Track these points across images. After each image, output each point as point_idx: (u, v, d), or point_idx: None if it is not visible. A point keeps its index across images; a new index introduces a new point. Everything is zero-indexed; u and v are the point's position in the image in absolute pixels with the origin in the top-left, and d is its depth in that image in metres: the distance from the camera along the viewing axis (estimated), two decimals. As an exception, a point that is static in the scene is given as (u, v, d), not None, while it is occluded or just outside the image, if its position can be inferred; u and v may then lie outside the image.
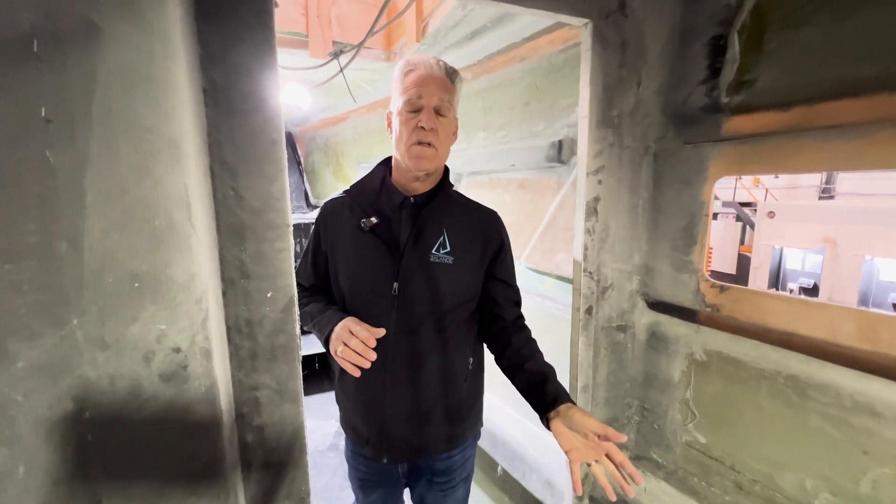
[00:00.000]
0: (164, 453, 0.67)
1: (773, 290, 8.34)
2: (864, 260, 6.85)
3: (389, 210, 1.07)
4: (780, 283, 8.49)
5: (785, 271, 8.51)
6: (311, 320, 1.11)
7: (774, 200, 10.43)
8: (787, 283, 8.42)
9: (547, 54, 1.78)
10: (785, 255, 8.41)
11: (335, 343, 0.98)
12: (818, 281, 7.68)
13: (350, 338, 0.94)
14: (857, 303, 6.98)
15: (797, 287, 8.17)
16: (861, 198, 9.67)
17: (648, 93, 1.26)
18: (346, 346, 0.94)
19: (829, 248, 7.14)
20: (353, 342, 0.94)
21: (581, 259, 1.26)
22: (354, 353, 0.93)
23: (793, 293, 7.83)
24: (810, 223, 7.50)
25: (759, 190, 10.88)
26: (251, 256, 0.91)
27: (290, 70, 2.13)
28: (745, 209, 9.38)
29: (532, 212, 1.89)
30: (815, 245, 7.50)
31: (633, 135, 1.28)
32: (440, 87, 1.00)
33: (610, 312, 1.35)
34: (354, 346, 0.93)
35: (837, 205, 8.38)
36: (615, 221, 1.30)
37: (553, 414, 0.92)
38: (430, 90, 0.98)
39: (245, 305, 0.92)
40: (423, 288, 1.04)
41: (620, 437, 0.81)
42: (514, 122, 1.98)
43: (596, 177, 1.24)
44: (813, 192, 10.86)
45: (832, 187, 10.44)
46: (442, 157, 1.06)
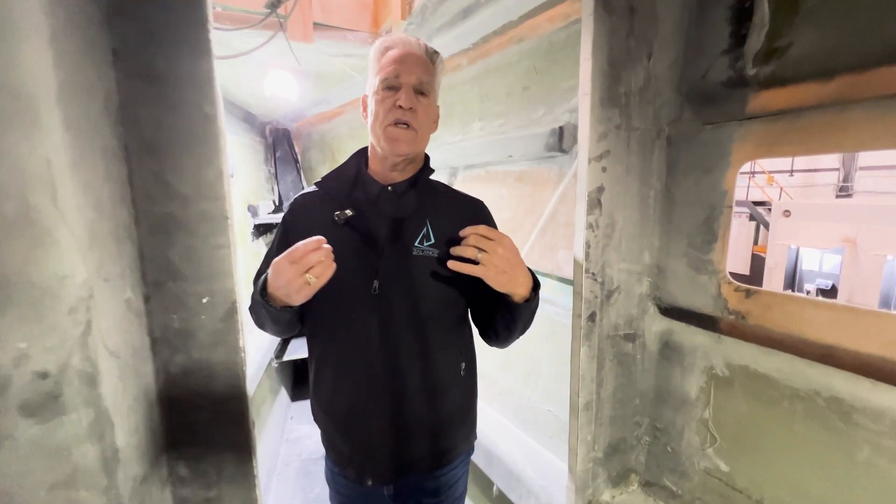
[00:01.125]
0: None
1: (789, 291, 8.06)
2: (885, 261, 6.56)
3: (366, 201, 0.98)
4: (795, 285, 8.22)
5: (801, 272, 8.22)
6: (252, 307, 0.99)
7: (789, 199, 10.12)
8: (803, 285, 8.14)
9: (547, 33, 1.62)
10: (801, 255, 8.13)
11: (278, 280, 0.85)
12: (836, 282, 7.39)
13: (290, 266, 0.84)
14: (879, 305, 6.70)
15: (814, 288, 7.89)
16: (882, 196, 9.33)
17: (661, 67, 1.10)
18: (292, 268, 0.83)
19: (848, 248, 6.85)
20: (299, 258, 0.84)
21: (582, 258, 1.10)
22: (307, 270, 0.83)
23: (809, 294, 7.56)
24: (828, 222, 7.22)
25: (772, 188, 10.57)
26: (181, 254, 0.76)
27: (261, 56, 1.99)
28: (758, 208, 9.10)
29: (531, 207, 1.72)
30: (834, 245, 7.22)
31: (644, 116, 1.11)
32: (420, 65, 0.93)
33: (616, 319, 1.18)
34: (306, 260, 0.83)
35: (857, 203, 8.08)
36: (622, 215, 1.13)
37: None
38: (409, 67, 0.91)
39: (175, 313, 0.77)
40: (406, 285, 0.94)
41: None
42: (513, 109, 1.82)
43: (599, 163, 1.07)
44: (830, 191, 10.51)
45: (850, 185, 10.08)
46: (421, 140, 0.97)
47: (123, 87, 0.69)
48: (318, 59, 1.99)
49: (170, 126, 0.72)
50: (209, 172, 0.75)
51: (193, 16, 0.71)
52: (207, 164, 0.75)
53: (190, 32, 0.71)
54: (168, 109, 0.71)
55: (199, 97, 0.72)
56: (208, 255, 0.77)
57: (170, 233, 0.75)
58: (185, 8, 0.70)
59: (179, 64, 0.71)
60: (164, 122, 0.72)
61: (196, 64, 0.72)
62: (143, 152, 0.71)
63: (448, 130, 2.23)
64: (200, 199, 0.75)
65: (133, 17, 0.68)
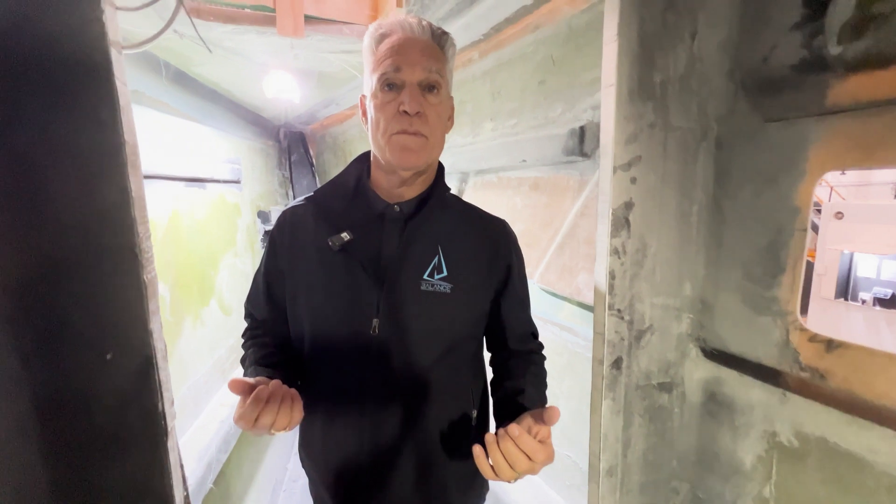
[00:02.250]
0: None
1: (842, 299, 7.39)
2: (957, 268, 5.88)
3: (367, 222, 0.82)
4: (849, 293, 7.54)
5: (856, 279, 7.53)
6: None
7: (841, 200, 9.35)
8: (857, 293, 7.46)
9: (566, 17, 1.39)
10: (856, 261, 7.44)
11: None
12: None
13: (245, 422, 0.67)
14: (949, 318, 6.01)
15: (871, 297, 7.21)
16: (950, 196, 8.46)
17: (709, 47, 0.86)
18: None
19: (913, 254, 6.20)
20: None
21: (605, 291, 0.88)
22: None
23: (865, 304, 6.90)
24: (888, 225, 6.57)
25: (822, 188, 9.80)
26: (73, 301, 0.60)
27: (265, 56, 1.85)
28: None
29: (548, 219, 1.50)
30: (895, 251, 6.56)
31: (685, 110, 0.87)
32: (425, 53, 0.74)
33: (648, 365, 0.95)
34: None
35: (923, 204, 7.33)
36: (656, 236, 0.90)
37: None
38: (412, 58, 0.73)
39: (66, 375, 0.61)
40: (411, 327, 0.80)
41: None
42: (527, 106, 1.60)
43: (627, 173, 0.85)
44: (888, 190, 9.64)
45: (913, 184, 9.20)
46: (434, 148, 0.79)
47: (-14, 85, 0.53)
48: (315, 56, 1.83)
49: (57, 138, 0.55)
50: (110, 192, 0.58)
51: None
52: (106, 181, 0.58)
53: (73, 11, 0.54)
54: (50, 114, 0.55)
55: (91, 99, 0.56)
56: (110, 300, 0.61)
57: (57, 274, 0.58)
58: (66, -20, 0.53)
59: (62, 57, 0.54)
60: (44, 132, 0.55)
61: (84, 57, 0.55)
62: (14, 167, 0.55)
63: (458, 132, 2.03)
64: (100, 225, 0.59)
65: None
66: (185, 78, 2.14)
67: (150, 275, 0.64)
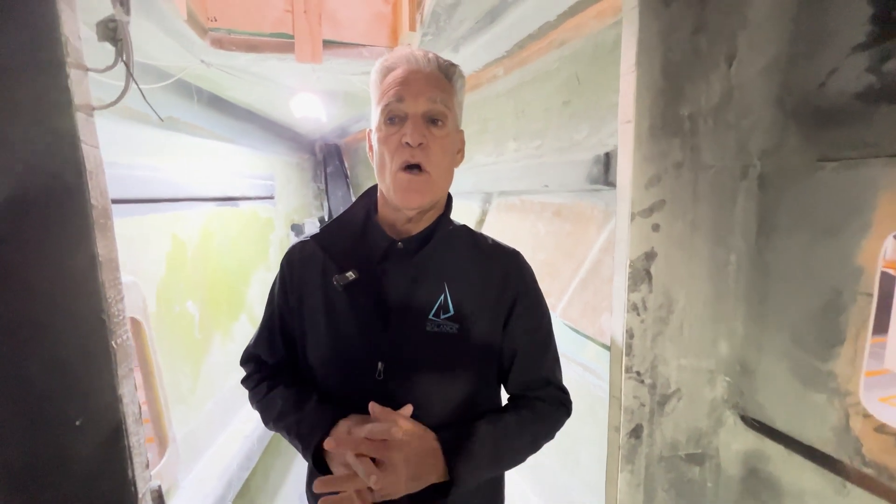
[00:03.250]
0: None
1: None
2: None
3: (372, 260, 0.79)
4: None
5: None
6: (279, 419, 0.81)
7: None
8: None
9: (593, 33, 1.28)
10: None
11: (339, 468, 0.69)
12: None
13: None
14: None
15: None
16: None
17: (750, 73, 0.74)
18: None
19: None
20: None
21: (621, 351, 0.77)
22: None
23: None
24: None
25: None
26: (43, 367, 0.59)
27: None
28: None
29: (571, 249, 1.39)
30: None
31: (721, 146, 0.75)
32: (430, 84, 0.71)
33: (674, 434, 0.83)
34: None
35: None
36: (685, 290, 0.78)
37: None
38: (416, 89, 0.71)
39: (33, 440, 0.60)
40: (417, 369, 0.76)
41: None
42: (551, 127, 1.50)
43: (648, 219, 0.74)
44: None
45: None
46: (439, 185, 0.77)
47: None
48: (337, 78, 1.83)
49: (22, 204, 0.54)
50: (78, 259, 0.57)
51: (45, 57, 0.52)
52: (74, 248, 0.56)
53: (38, 80, 0.53)
54: (18, 182, 0.54)
55: (55, 165, 0.54)
56: (81, 364, 0.59)
57: (27, 341, 0.57)
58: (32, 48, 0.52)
59: (29, 122, 0.53)
60: (15, 200, 0.54)
61: (48, 122, 0.53)
62: (-15, 237, 0.55)
63: (481, 149, 1.95)
64: (68, 293, 0.57)
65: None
66: (219, 102, 2.22)
67: (121, 339, 0.62)
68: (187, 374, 1.92)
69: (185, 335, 1.92)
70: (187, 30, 1.32)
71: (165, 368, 1.71)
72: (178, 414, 1.78)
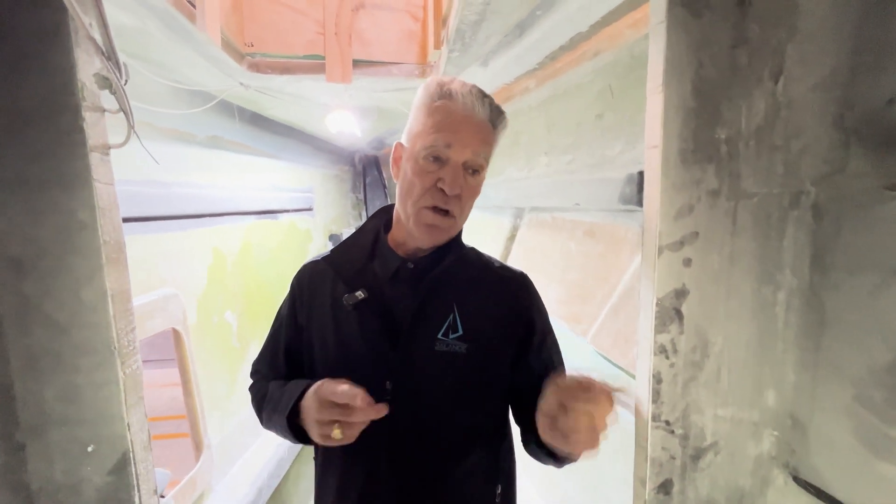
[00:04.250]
0: None
1: None
2: None
3: (382, 280, 0.82)
4: None
5: None
6: (265, 406, 0.85)
7: None
8: None
9: (627, 43, 1.21)
10: None
11: (313, 427, 0.70)
12: None
13: (325, 410, 0.67)
14: None
15: None
16: None
17: (801, 89, 0.65)
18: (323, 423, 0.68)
19: None
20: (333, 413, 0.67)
21: (647, 398, 0.70)
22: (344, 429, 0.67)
23: None
24: None
25: None
26: (60, 394, 0.61)
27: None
28: None
29: (603, 272, 1.31)
30: None
31: (766, 172, 0.67)
32: (478, 136, 0.74)
33: (711, 492, 0.74)
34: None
35: None
36: (722, 332, 0.70)
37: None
38: (465, 139, 0.73)
39: (49, 463, 0.63)
40: (426, 388, 0.78)
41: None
42: (583, 142, 1.43)
43: (678, 253, 0.67)
44: None
45: None
46: (459, 225, 0.81)
47: (-13, 195, 0.56)
48: (369, 95, 1.85)
49: (38, 239, 0.57)
50: (89, 294, 0.59)
51: (61, 100, 0.55)
52: (86, 283, 0.59)
53: (56, 122, 0.55)
54: (34, 219, 0.57)
55: (71, 203, 0.57)
56: (92, 394, 0.61)
57: (45, 369, 0.60)
58: (50, 91, 0.55)
59: (45, 162, 0.56)
60: (32, 235, 0.57)
61: (66, 162, 0.56)
62: (9, 271, 0.58)
63: (513, 163, 1.90)
64: (80, 327, 0.59)
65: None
66: (260, 119, 2.32)
67: (131, 368, 0.63)
68: (224, 382, 2.00)
69: (222, 344, 2.01)
70: (224, 56, 1.38)
71: (203, 377, 1.79)
72: (215, 420, 1.85)
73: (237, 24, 1.48)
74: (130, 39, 1.25)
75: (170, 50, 1.31)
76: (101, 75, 0.51)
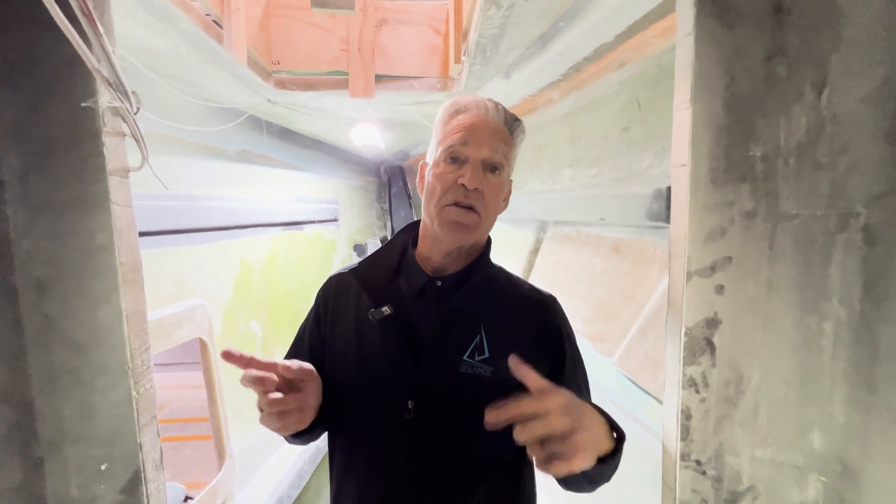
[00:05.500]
0: None
1: None
2: None
3: (408, 296, 0.81)
4: None
5: None
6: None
7: None
8: None
9: (655, 53, 1.16)
10: None
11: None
12: None
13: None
14: None
15: None
16: None
17: (847, 102, 0.59)
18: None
19: None
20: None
21: (675, 435, 0.65)
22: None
23: None
24: None
25: None
26: (77, 412, 0.63)
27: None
28: None
29: (629, 291, 1.25)
30: None
31: (807, 191, 0.61)
32: (495, 135, 0.75)
33: (749, 541, 0.67)
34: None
35: None
36: (759, 365, 0.64)
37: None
38: (481, 137, 0.75)
39: (65, 479, 0.64)
40: (448, 410, 0.76)
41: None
42: (609, 155, 1.38)
43: (709, 279, 0.62)
44: None
45: None
46: (485, 226, 0.80)
47: (9, 217, 0.58)
48: (392, 109, 1.87)
49: (60, 261, 0.59)
50: (106, 314, 0.60)
51: (83, 126, 0.57)
52: (103, 303, 0.60)
53: (77, 148, 0.57)
54: (56, 241, 0.59)
55: (90, 225, 0.58)
56: (106, 412, 0.62)
57: (64, 387, 0.62)
58: (73, 118, 0.56)
59: (68, 186, 0.58)
60: (54, 257, 0.59)
61: (86, 186, 0.57)
62: (32, 292, 0.60)
63: (536, 176, 1.86)
64: (97, 346, 0.61)
65: (16, 138, 0.57)
66: (287, 133, 2.38)
67: (144, 388, 0.64)
68: (248, 391, 2.03)
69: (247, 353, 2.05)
70: (251, 74, 1.43)
71: (227, 386, 1.82)
72: (237, 429, 1.88)
73: (264, 43, 1.52)
74: (164, 61, 1.30)
75: (200, 70, 1.36)
76: (112, 106, 0.52)
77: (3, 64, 0.56)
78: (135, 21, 1.04)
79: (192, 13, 1.09)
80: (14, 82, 0.56)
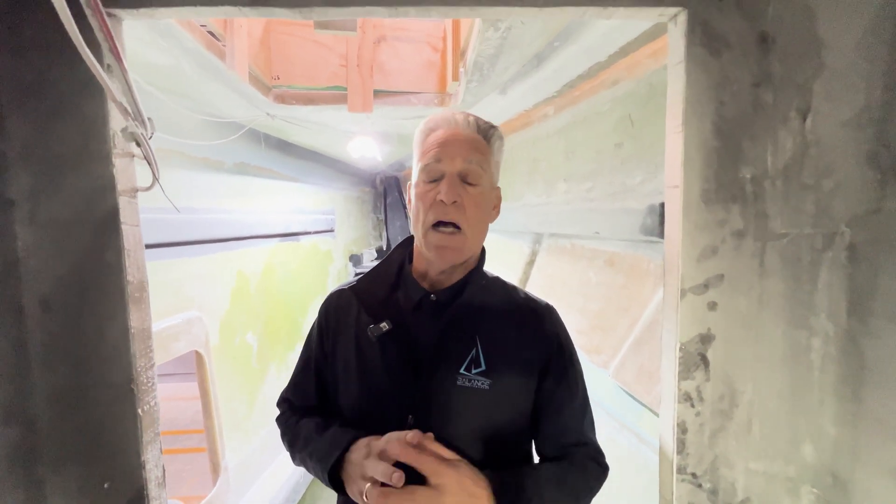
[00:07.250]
0: None
1: None
2: None
3: (406, 311, 0.82)
4: None
5: None
6: (303, 446, 0.82)
7: None
8: None
9: (646, 73, 1.20)
10: None
11: (357, 482, 0.68)
12: None
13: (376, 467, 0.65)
14: None
15: None
16: None
17: (830, 126, 0.62)
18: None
19: None
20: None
21: (671, 448, 0.66)
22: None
23: None
24: None
25: None
26: (81, 429, 0.63)
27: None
28: None
29: (625, 304, 1.27)
30: None
31: (794, 211, 0.64)
32: (468, 146, 0.75)
33: (744, 552, 0.69)
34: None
35: None
36: (751, 380, 0.66)
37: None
38: (453, 150, 0.75)
39: (68, 497, 0.64)
40: (448, 424, 0.76)
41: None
42: (603, 171, 1.41)
43: (703, 296, 0.64)
44: None
45: None
46: (473, 242, 0.80)
47: (18, 236, 0.59)
48: (390, 122, 1.89)
49: (67, 280, 0.60)
50: (112, 332, 0.61)
51: (94, 147, 0.58)
52: (110, 320, 0.61)
53: (87, 168, 0.58)
54: (64, 260, 0.60)
55: (98, 244, 0.59)
56: (110, 430, 0.62)
57: (68, 405, 0.62)
58: (83, 139, 0.58)
59: (77, 206, 0.59)
60: (61, 276, 0.60)
61: (94, 206, 0.58)
62: (38, 310, 0.60)
63: (531, 189, 1.89)
64: (101, 363, 0.61)
65: (27, 158, 0.58)
66: (287, 146, 2.40)
67: (148, 406, 0.64)
68: (243, 403, 2.02)
69: (243, 365, 2.04)
70: (252, 89, 1.44)
71: (223, 398, 1.81)
72: (233, 442, 1.87)
73: (265, 59, 1.54)
74: (166, 77, 1.32)
75: (202, 86, 1.38)
76: (128, 131, 0.53)
77: (18, 86, 0.57)
78: (140, 40, 1.06)
79: (196, 31, 1.11)
80: (26, 104, 0.57)
